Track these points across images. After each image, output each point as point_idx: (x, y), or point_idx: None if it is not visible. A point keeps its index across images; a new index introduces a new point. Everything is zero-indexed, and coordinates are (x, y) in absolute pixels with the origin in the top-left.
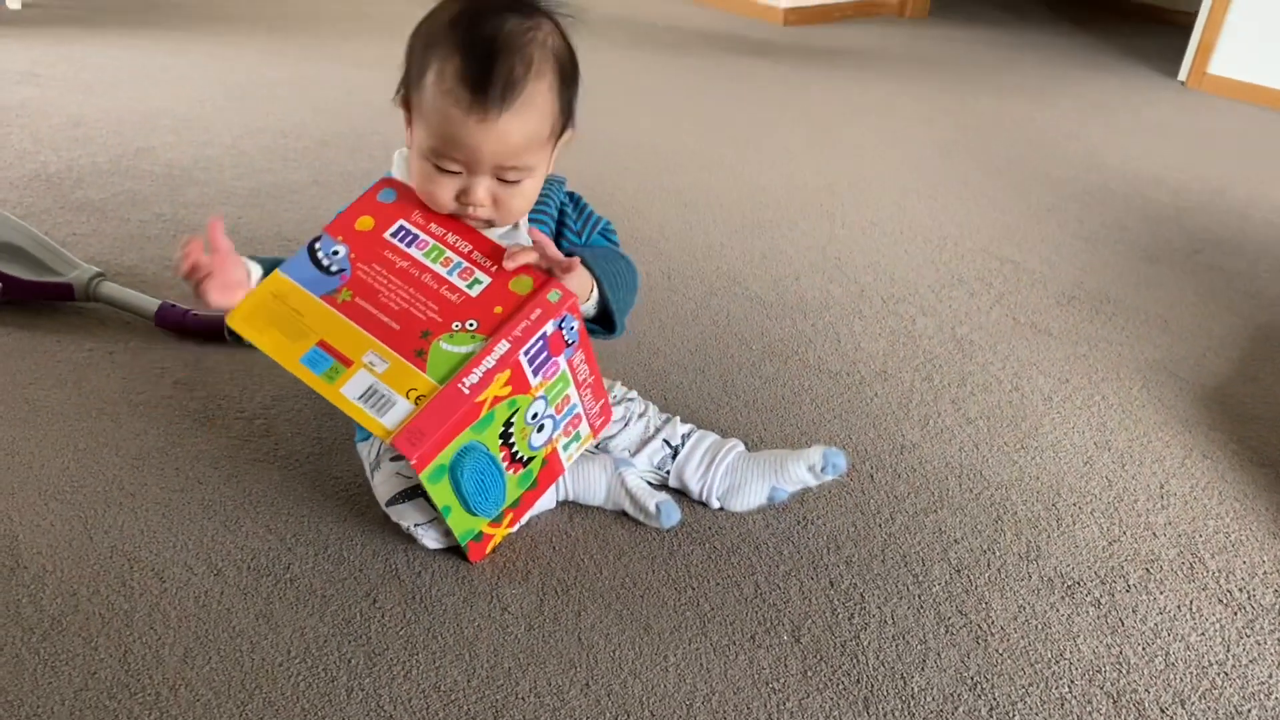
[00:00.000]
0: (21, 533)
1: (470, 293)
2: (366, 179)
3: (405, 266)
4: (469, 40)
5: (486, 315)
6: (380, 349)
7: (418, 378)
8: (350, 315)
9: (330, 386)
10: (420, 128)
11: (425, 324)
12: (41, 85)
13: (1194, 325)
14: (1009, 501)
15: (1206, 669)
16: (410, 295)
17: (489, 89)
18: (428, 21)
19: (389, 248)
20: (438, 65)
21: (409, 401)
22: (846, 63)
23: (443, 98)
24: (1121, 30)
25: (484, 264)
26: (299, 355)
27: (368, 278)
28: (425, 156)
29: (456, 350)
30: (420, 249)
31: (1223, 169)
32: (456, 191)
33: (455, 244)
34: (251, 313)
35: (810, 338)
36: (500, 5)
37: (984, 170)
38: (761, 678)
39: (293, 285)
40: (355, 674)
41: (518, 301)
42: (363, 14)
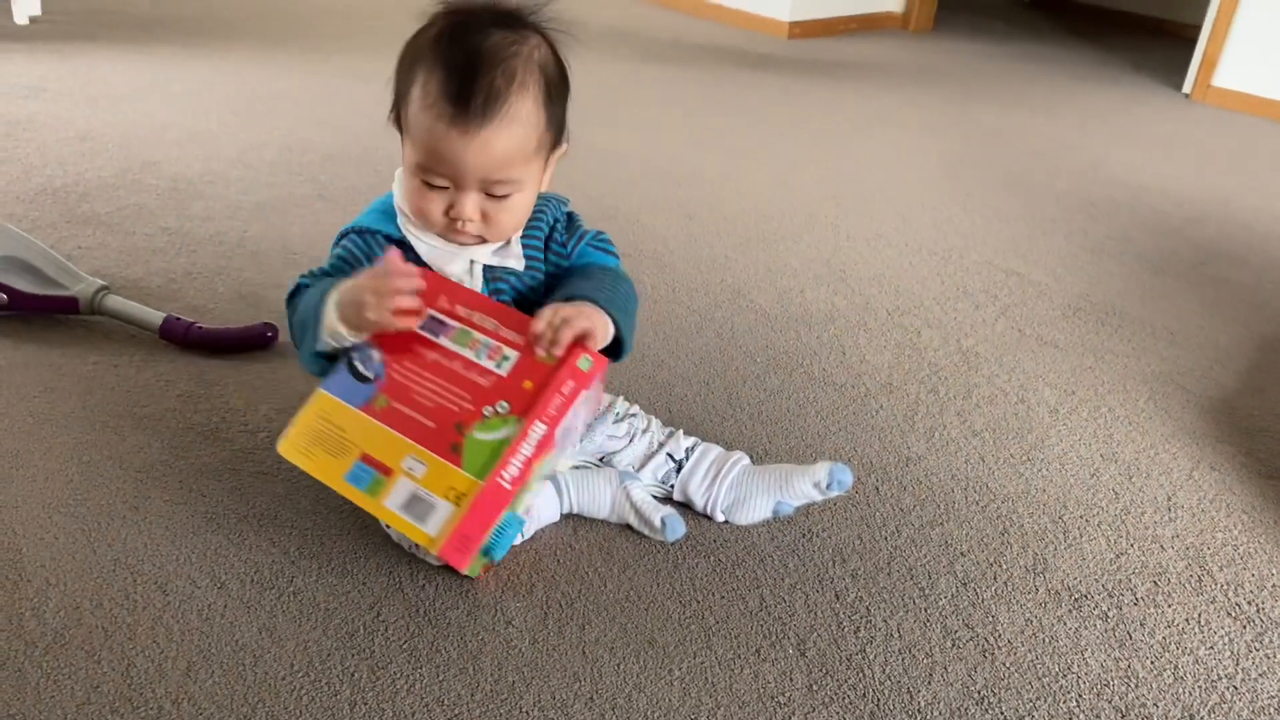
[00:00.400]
0: (25, 545)
1: (500, 372)
2: (371, 193)
3: (436, 358)
4: (450, 54)
5: (517, 393)
6: (418, 451)
7: (456, 475)
8: (388, 421)
9: (374, 501)
10: (408, 144)
11: (458, 415)
12: (48, 99)
13: (1200, 337)
14: (1015, 514)
15: (1215, 683)
16: (442, 388)
17: (470, 101)
18: (414, 39)
19: (419, 341)
20: (422, 80)
21: (449, 502)
22: (851, 75)
23: (426, 112)
24: (1126, 43)
25: (511, 338)
26: (343, 473)
27: (402, 378)
28: (414, 173)
29: (490, 438)
30: (448, 336)
31: (1228, 181)
32: (445, 207)
33: (481, 323)
34: (298, 437)
35: (815, 350)
36: (486, 20)
37: (989, 182)
38: (767, 692)
39: (335, 402)
40: (359, 688)
41: (547, 372)
42: (367, 29)
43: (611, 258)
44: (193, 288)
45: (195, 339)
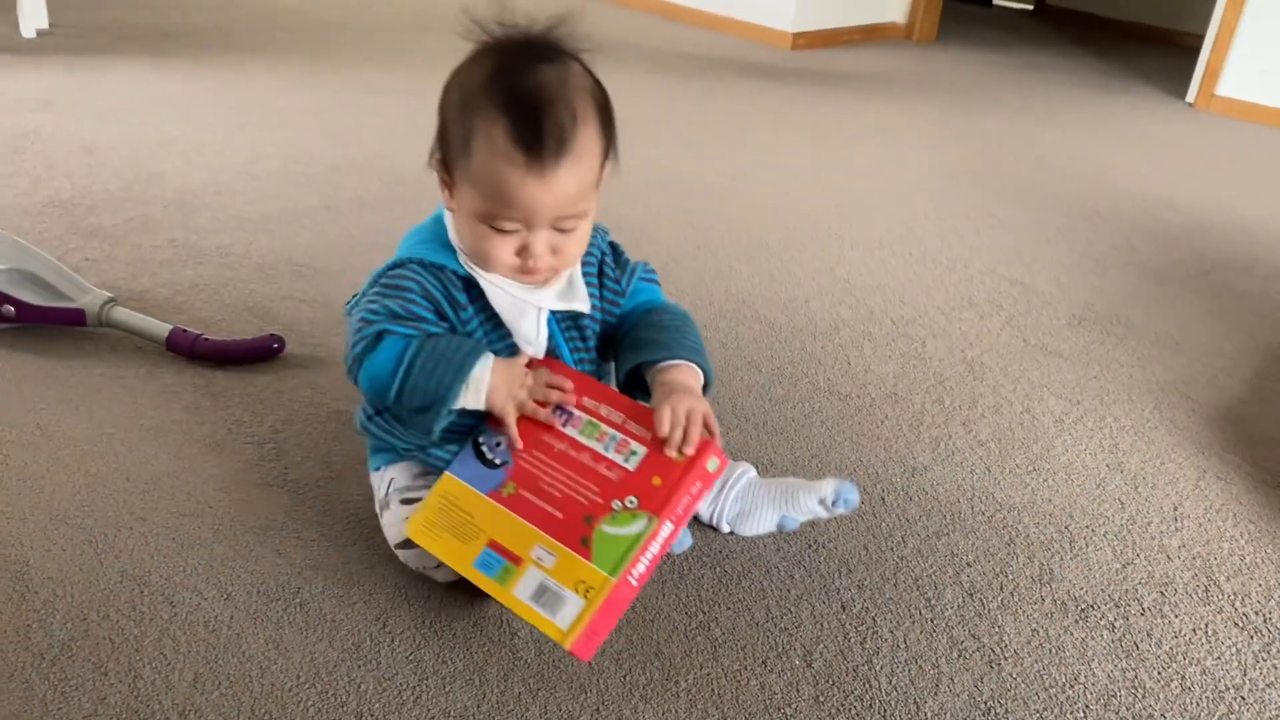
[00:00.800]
0: (32, 557)
1: (628, 467)
2: (376, 204)
3: (563, 449)
4: (510, 98)
5: (645, 489)
6: (547, 542)
7: (585, 569)
8: (516, 509)
9: (503, 589)
10: (469, 192)
11: (587, 508)
12: (55, 112)
13: (1206, 346)
14: (1021, 524)
15: (1223, 693)
16: (570, 479)
17: (543, 145)
18: (458, 86)
19: (546, 430)
20: (484, 129)
21: (579, 596)
22: (854, 86)
23: (495, 161)
24: (1129, 53)
25: (638, 432)
26: (471, 559)
27: (530, 467)
28: (480, 219)
29: (621, 533)
30: (575, 427)
31: (1232, 189)
32: (516, 249)
33: (608, 416)
34: (426, 521)
35: (820, 360)
36: (529, 56)
37: (993, 192)
38: (773, 703)
39: (462, 486)
40: (365, 699)
41: (675, 471)
42: (372, 41)
43: (659, 288)
44: (199, 299)
45: (202, 351)
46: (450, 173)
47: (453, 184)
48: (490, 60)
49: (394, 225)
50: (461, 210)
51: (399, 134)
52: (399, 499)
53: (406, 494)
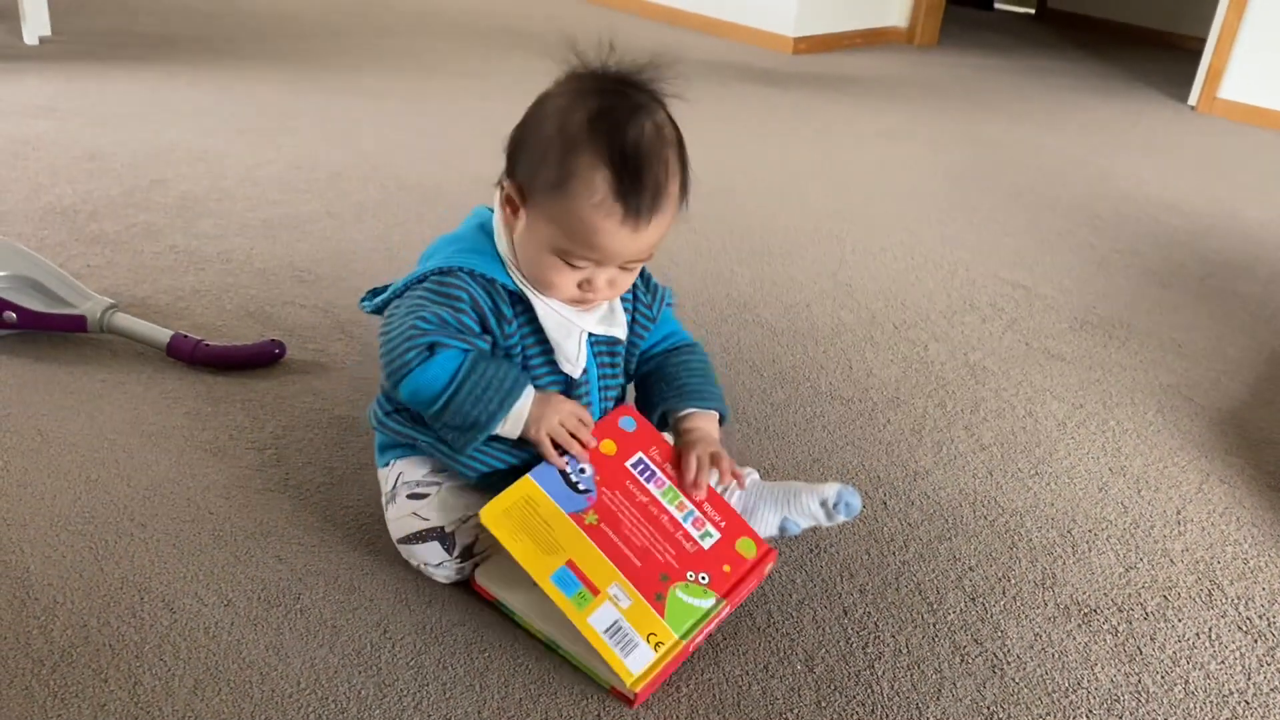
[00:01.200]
0: (33, 564)
1: (703, 545)
2: (378, 210)
3: (645, 503)
4: (616, 151)
5: (717, 572)
6: (624, 583)
7: (658, 623)
8: (596, 540)
9: (579, 613)
10: (549, 226)
11: (663, 567)
12: (58, 119)
13: (1208, 349)
14: (1024, 528)
15: (1227, 698)
16: (650, 534)
17: (640, 202)
18: (555, 119)
19: (630, 478)
20: (584, 175)
21: (649, 646)
22: (856, 90)
23: (594, 210)
24: (1130, 56)
25: (714, 518)
26: (550, 572)
27: (612, 505)
28: (555, 253)
29: (694, 604)
30: (658, 487)
31: (1235, 192)
32: (580, 281)
33: (688, 490)
34: (506, 513)
35: (822, 364)
36: (629, 103)
37: (994, 196)
38: (775, 708)
39: (543, 494)
40: (365, 705)
41: (743, 565)
42: (374, 47)
43: (674, 319)
44: (201, 305)
45: (202, 357)
46: (525, 198)
47: (524, 208)
48: (591, 101)
49: (395, 231)
50: (532, 238)
51: (401, 140)
52: (406, 493)
53: (415, 489)
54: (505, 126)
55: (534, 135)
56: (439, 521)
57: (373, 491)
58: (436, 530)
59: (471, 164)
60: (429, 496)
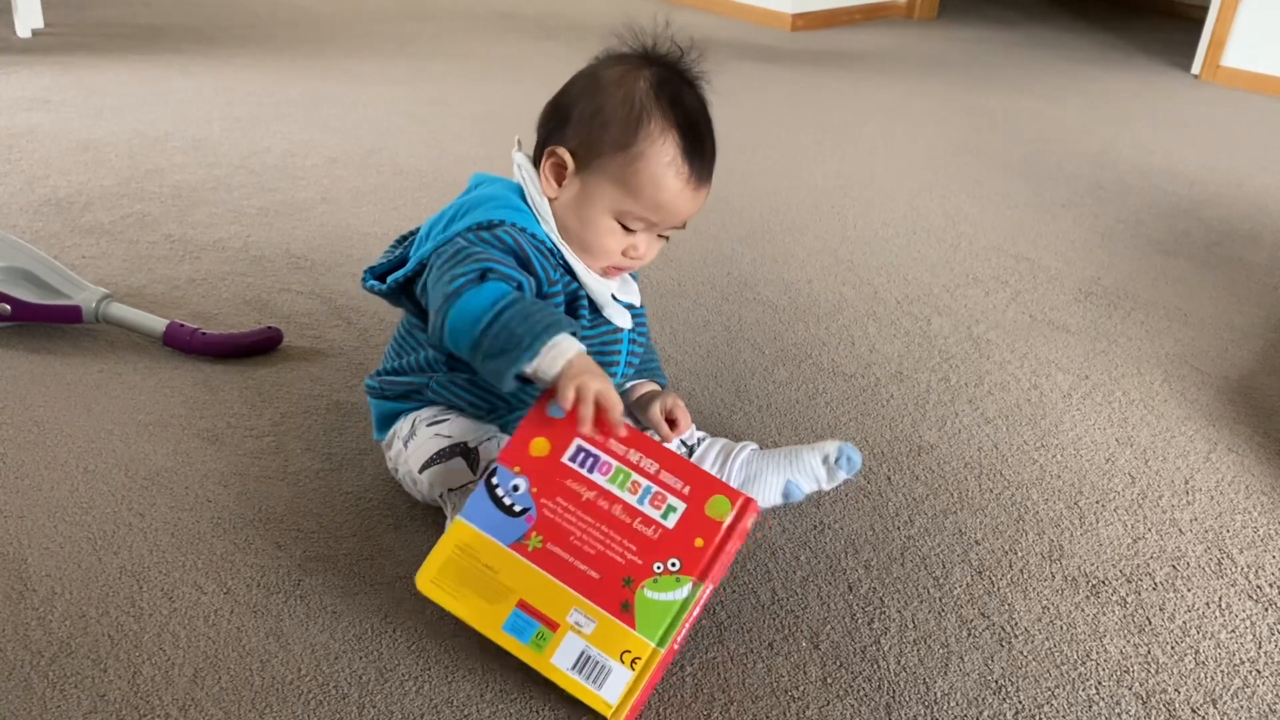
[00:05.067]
0: (30, 555)
1: (666, 524)
2: (374, 195)
3: (592, 498)
4: (684, 116)
5: (688, 551)
6: (584, 605)
7: (630, 638)
8: (545, 565)
9: (540, 657)
10: (612, 189)
11: (625, 569)
12: (51, 111)
13: (1215, 318)
14: (1030, 501)
15: (1238, 667)
16: (604, 535)
17: (705, 163)
18: (617, 87)
19: (570, 475)
20: (659, 138)
21: (625, 667)
22: (856, 65)
23: (665, 169)
24: (1132, 26)
25: (675, 485)
26: (500, 622)
27: (555, 516)
28: (613, 216)
29: (665, 599)
30: (604, 474)
31: (1239, 161)
32: (626, 246)
33: (640, 463)
34: (441, 574)
35: (824, 341)
36: (681, 76)
37: (997, 168)
38: (780, 686)
39: (479, 535)
40: (367, 690)
41: (717, 530)
42: (368, 32)
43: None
44: (197, 294)
45: (199, 345)
46: (579, 164)
47: (578, 175)
48: (649, 71)
49: (392, 216)
50: (587, 202)
51: (396, 126)
52: (425, 424)
53: (433, 419)
54: (501, 109)
55: (592, 104)
56: (462, 437)
57: (373, 477)
58: (460, 445)
59: (468, 147)
60: (449, 420)
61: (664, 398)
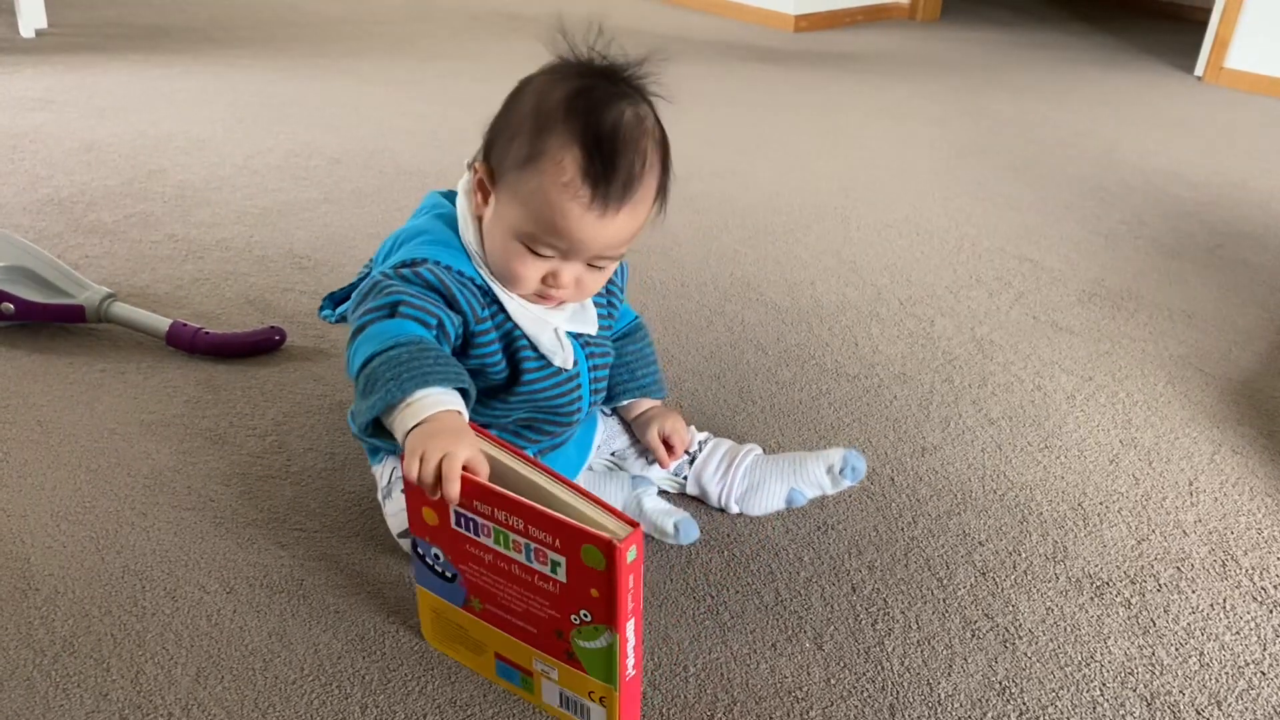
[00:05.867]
0: (33, 554)
1: (558, 578)
2: (377, 196)
3: (492, 560)
4: (590, 132)
5: (588, 601)
6: (541, 656)
7: (587, 681)
8: (494, 624)
9: (533, 697)
10: (515, 208)
11: (550, 622)
12: (55, 111)
13: (1218, 320)
14: (1034, 502)
15: (1243, 669)
16: (518, 594)
17: (610, 187)
18: (532, 98)
19: (465, 540)
20: (554, 154)
21: (597, 705)
22: (858, 66)
23: (560, 191)
24: (1135, 27)
25: (546, 540)
26: (492, 669)
27: (477, 579)
28: (518, 239)
29: (594, 647)
30: (487, 536)
31: (1243, 162)
32: (543, 274)
33: (509, 522)
34: (434, 629)
35: (827, 341)
36: (611, 92)
37: (1000, 170)
38: (784, 686)
39: (438, 600)
40: (369, 690)
41: (604, 578)
42: (371, 33)
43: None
44: (200, 294)
45: (202, 345)
46: (495, 180)
47: (494, 191)
48: (571, 82)
49: (393, 216)
50: (499, 223)
51: (398, 126)
52: (400, 487)
53: None
54: None
55: (508, 114)
56: None
57: (374, 477)
58: None
59: (470, 148)
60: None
61: (663, 420)
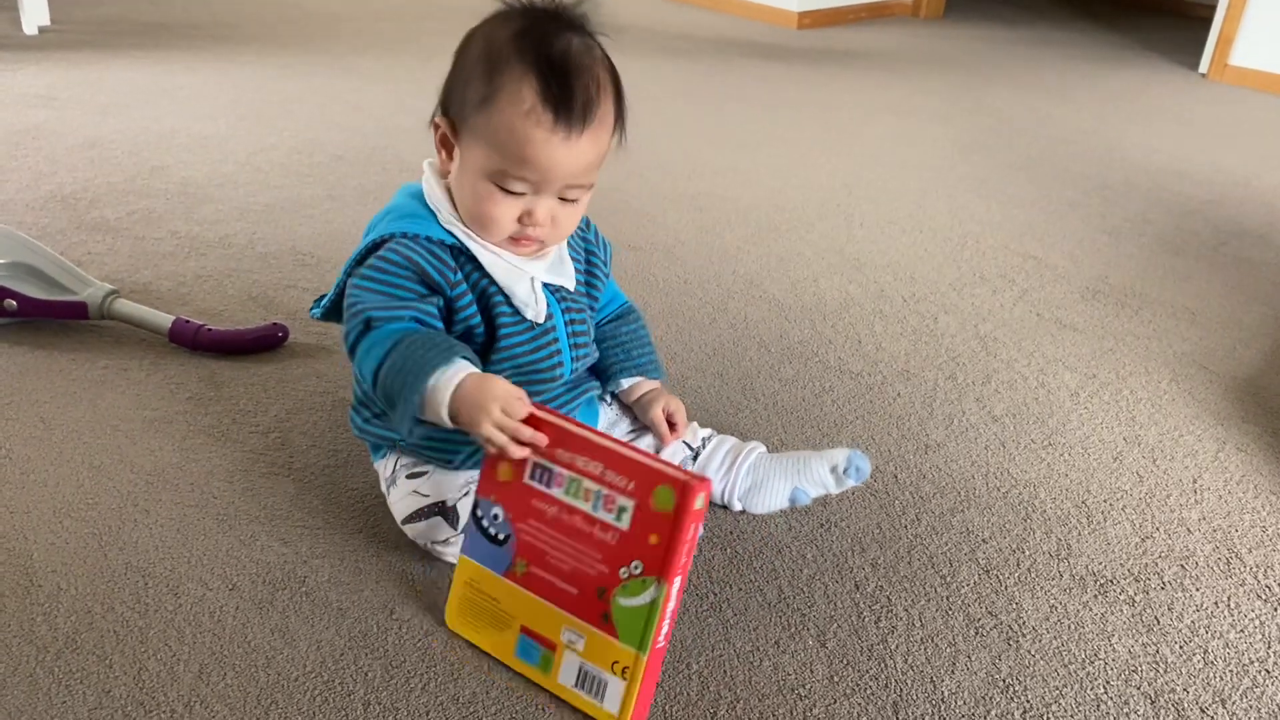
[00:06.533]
0: (36, 551)
1: (621, 526)
2: (380, 193)
3: (555, 513)
4: (543, 59)
5: (644, 550)
6: (572, 623)
7: (615, 649)
8: (533, 589)
9: (548, 678)
10: (481, 149)
11: (597, 579)
12: (58, 108)
13: (1223, 317)
14: (1037, 499)
15: (1247, 667)
16: (572, 548)
17: (571, 108)
18: (481, 40)
19: (534, 495)
20: (511, 85)
21: (618, 677)
22: (862, 64)
23: (521, 119)
24: (1139, 25)
25: (620, 484)
26: (512, 649)
27: (531, 539)
28: (489, 178)
29: (636, 604)
30: (559, 486)
31: (1247, 160)
32: (518, 213)
33: (586, 468)
34: (462, 610)
35: (830, 339)
36: (559, 24)
37: (1004, 167)
38: (787, 684)
39: (479, 569)
40: (372, 687)
41: (668, 522)
42: (374, 30)
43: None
44: (203, 291)
45: (205, 342)
46: (457, 131)
47: (458, 143)
48: (517, 20)
49: None
50: (467, 169)
51: (401, 123)
52: (405, 474)
53: (414, 468)
54: None
55: (462, 63)
56: (440, 496)
57: (377, 472)
58: (438, 505)
59: None
60: (429, 473)
61: (667, 400)
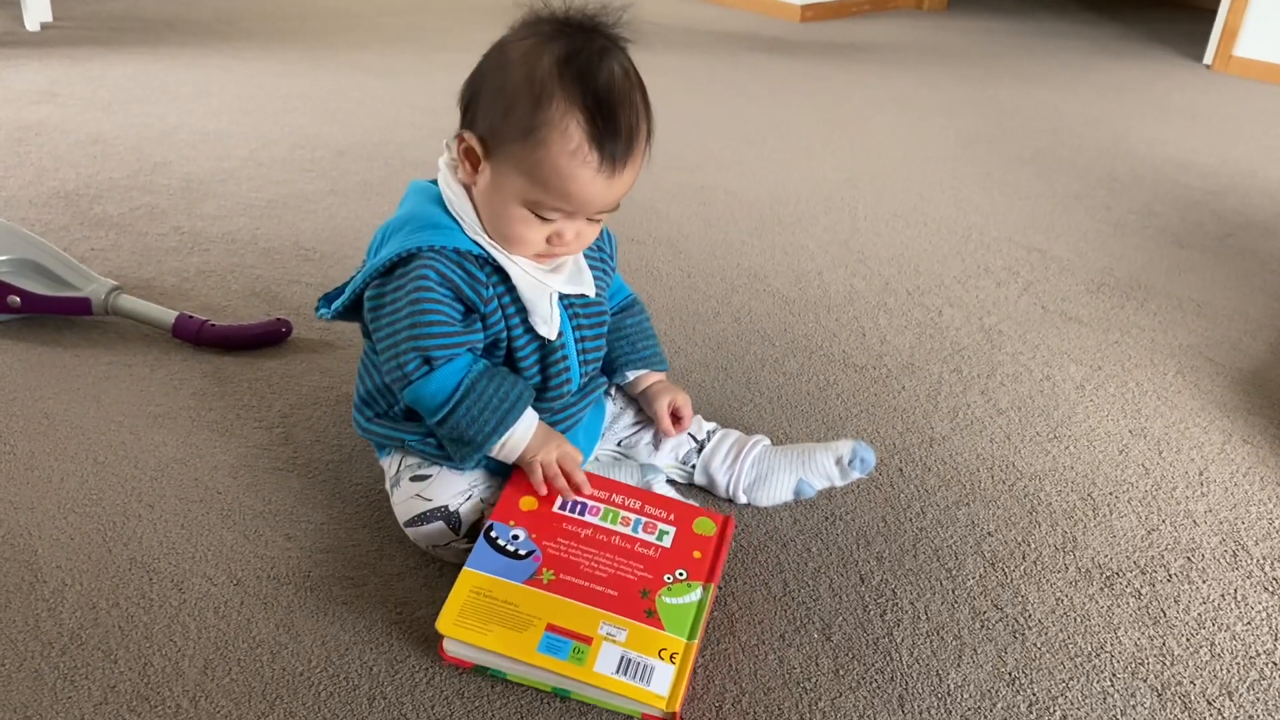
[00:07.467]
0: (40, 546)
1: (663, 544)
2: (383, 187)
3: (590, 534)
4: (589, 95)
5: (689, 562)
6: (611, 618)
7: (663, 638)
8: (563, 593)
9: (582, 668)
10: (520, 179)
11: (639, 584)
12: (60, 104)
13: (1228, 309)
14: (1043, 492)
15: (1254, 659)
16: (612, 560)
17: (616, 148)
18: (522, 64)
19: (565, 520)
20: (558, 124)
21: (666, 662)
22: (865, 57)
23: (569, 158)
24: (1144, 16)
25: (661, 515)
26: (534, 645)
27: (561, 553)
28: (524, 205)
29: (685, 602)
30: (594, 515)
31: (1252, 151)
32: (549, 235)
33: (624, 503)
34: (462, 615)
35: (834, 332)
36: (595, 46)
37: (1008, 160)
38: (792, 677)
39: (489, 578)
40: (377, 682)
41: (710, 544)
42: (376, 25)
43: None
44: (206, 286)
45: (208, 337)
46: (489, 151)
47: (489, 162)
48: (556, 44)
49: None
50: (500, 191)
51: (404, 118)
52: (409, 475)
53: (418, 470)
54: None
55: (496, 83)
56: (443, 501)
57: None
58: (441, 510)
59: None
60: (432, 477)
61: (673, 393)
